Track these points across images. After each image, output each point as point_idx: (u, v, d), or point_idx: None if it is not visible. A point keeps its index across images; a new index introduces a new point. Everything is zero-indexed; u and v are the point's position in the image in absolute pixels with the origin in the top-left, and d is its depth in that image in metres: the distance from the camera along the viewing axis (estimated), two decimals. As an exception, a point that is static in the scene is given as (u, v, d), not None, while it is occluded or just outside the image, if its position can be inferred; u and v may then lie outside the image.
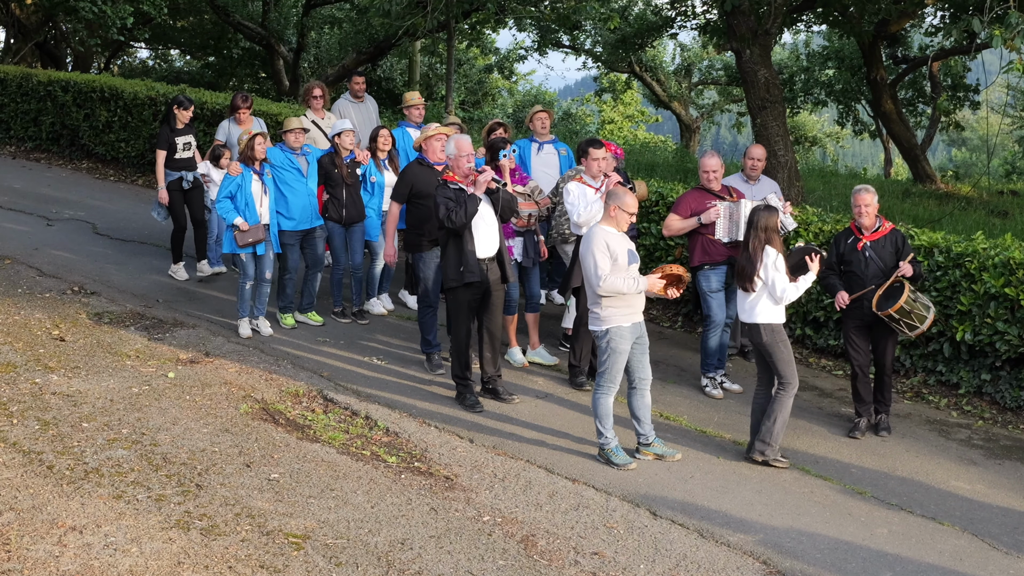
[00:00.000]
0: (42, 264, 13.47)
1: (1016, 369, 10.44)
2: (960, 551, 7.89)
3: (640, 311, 8.97)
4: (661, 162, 23.21)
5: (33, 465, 8.08)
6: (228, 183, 11.34)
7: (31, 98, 21.08)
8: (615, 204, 8.94)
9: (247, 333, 11.44)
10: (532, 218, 10.92)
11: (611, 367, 8.90)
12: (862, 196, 9.88)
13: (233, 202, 11.30)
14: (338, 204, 11.77)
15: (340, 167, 11.72)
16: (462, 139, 10.03)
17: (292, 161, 11.68)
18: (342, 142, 11.78)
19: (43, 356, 10.37)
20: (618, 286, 8.73)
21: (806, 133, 42.58)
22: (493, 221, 9.99)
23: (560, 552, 7.46)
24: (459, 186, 9.81)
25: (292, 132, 11.72)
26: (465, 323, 9.94)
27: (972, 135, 50.28)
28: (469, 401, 9.98)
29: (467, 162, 9.88)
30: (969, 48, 21.87)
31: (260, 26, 28.87)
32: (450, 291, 9.92)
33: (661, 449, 9.11)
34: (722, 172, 10.92)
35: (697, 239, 10.74)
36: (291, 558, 7.08)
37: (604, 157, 10.44)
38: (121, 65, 37.37)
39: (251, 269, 11.42)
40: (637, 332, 8.95)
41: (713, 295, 10.68)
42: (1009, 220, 18.79)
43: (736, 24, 15.64)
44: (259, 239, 11.33)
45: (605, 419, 8.95)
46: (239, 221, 11.20)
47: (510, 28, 30.62)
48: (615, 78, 42.48)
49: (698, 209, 10.70)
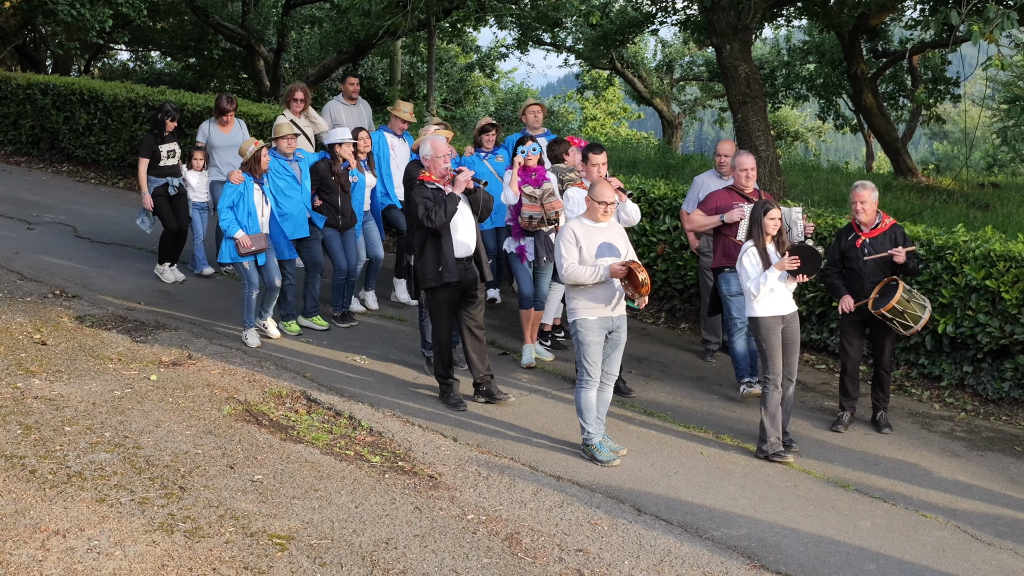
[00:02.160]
0: (23, 268, 13.42)
1: (998, 361, 10.48)
2: (943, 543, 7.92)
3: (611, 307, 8.95)
4: (643, 158, 23.20)
5: (15, 469, 8.06)
6: (230, 192, 11.14)
7: (10, 101, 20.98)
8: (589, 195, 9.03)
9: (256, 343, 11.27)
10: (534, 221, 10.87)
11: (581, 359, 8.97)
12: (859, 192, 9.82)
13: (234, 212, 11.16)
14: (334, 210, 11.72)
15: (338, 175, 11.68)
16: (437, 140, 10.04)
17: (286, 168, 11.60)
18: (341, 152, 11.73)
19: (25, 360, 10.33)
20: (578, 274, 8.78)
21: (787, 128, 42.71)
22: (471, 221, 10.01)
23: (545, 549, 7.47)
24: (436, 186, 9.82)
25: (285, 139, 11.64)
26: (445, 323, 9.97)
27: (953, 128, 50.39)
28: (452, 400, 9.99)
29: (444, 163, 9.90)
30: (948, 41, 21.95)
31: (240, 27, 28.80)
32: (429, 291, 9.95)
33: (607, 444, 9.16)
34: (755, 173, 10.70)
35: (719, 240, 10.59)
36: (275, 559, 7.07)
37: (604, 162, 10.29)
38: (101, 67, 37.26)
39: (255, 277, 11.27)
40: (608, 326, 8.96)
41: (733, 299, 10.48)
42: (990, 213, 18.84)
43: (716, 19, 15.68)
44: (261, 248, 11.20)
45: (586, 413, 8.97)
46: (240, 235, 11.03)
47: (491, 26, 30.58)
48: (597, 75, 42.51)
49: (725, 209, 10.53)
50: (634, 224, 10.23)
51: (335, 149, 11.75)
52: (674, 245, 12.59)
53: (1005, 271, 10.17)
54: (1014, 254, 10.17)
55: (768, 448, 9.21)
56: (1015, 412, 10.34)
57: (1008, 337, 10.21)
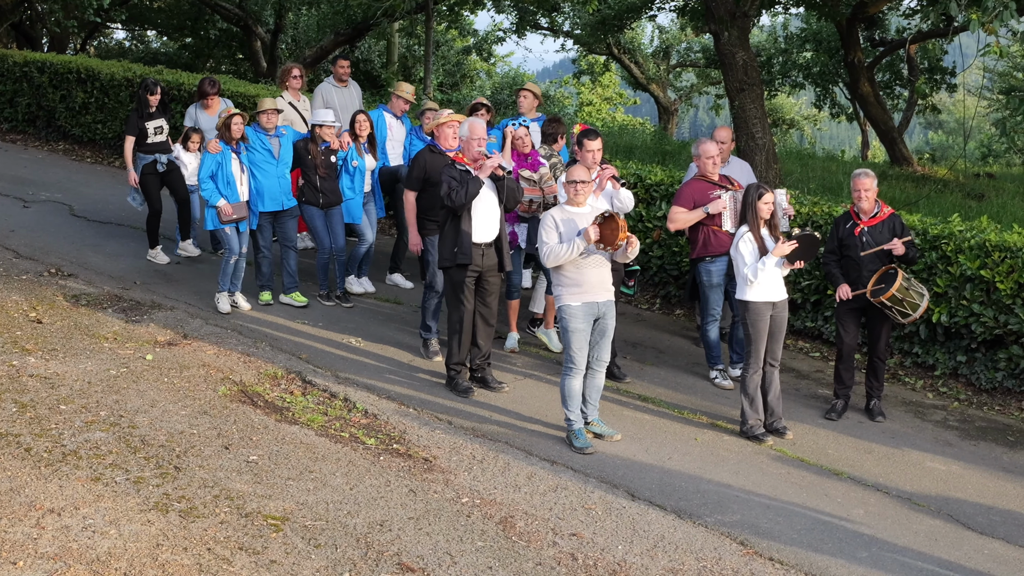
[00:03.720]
0: (19, 246, 13.41)
1: (991, 351, 10.51)
2: (935, 531, 7.96)
3: (597, 291, 8.88)
4: (639, 144, 23.18)
5: (11, 448, 8.06)
6: (208, 162, 11.40)
7: (7, 79, 20.94)
8: (566, 179, 9.04)
9: (227, 308, 11.55)
10: (534, 204, 10.86)
11: (567, 346, 8.94)
12: (861, 180, 9.82)
13: (214, 181, 11.35)
14: (314, 189, 11.76)
15: (314, 154, 11.71)
16: (476, 122, 9.94)
17: (264, 142, 11.71)
18: (321, 133, 11.76)
19: (20, 338, 10.33)
20: (557, 253, 8.73)
21: (784, 115, 42.66)
22: (495, 207, 9.91)
23: (539, 534, 7.49)
24: (466, 168, 9.78)
25: (265, 113, 11.71)
26: (460, 306, 9.88)
27: (949, 118, 50.45)
28: (461, 387, 9.93)
29: (478, 146, 9.84)
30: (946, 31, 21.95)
31: (237, 7, 28.75)
32: (445, 271, 9.94)
33: (600, 428, 9.13)
34: (726, 152, 10.71)
35: (700, 231, 10.51)
36: (270, 540, 7.08)
37: (599, 148, 10.27)
38: (97, 46, 37.12)
39: (235, 244, 11.54)
40: (594, 312, 8.89)
41: (713, 289, 10.50)
42: (985, 202, 18.86)
43: (714, 6, 15.64)
44: (242, 216, 11.51)
45: (569, 400, 8.96)
46: (222, 203, 11.32)
47: (488, 9, 30.55)
48: (593, 60, 42.43)
49: (701, 200, 10.43)
50: (628, 211, 10.22)
51: (315, 130, 11.79)
52: (670, 231, 12.57)
53: (1000, 261, 10.20)
54: (1009, 244, 10.19)
55: (748, 430, 9.31)
56: (1008, 402, 10.37)
57: (1002, 327, 10.24)
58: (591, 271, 8.87)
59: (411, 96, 12.89)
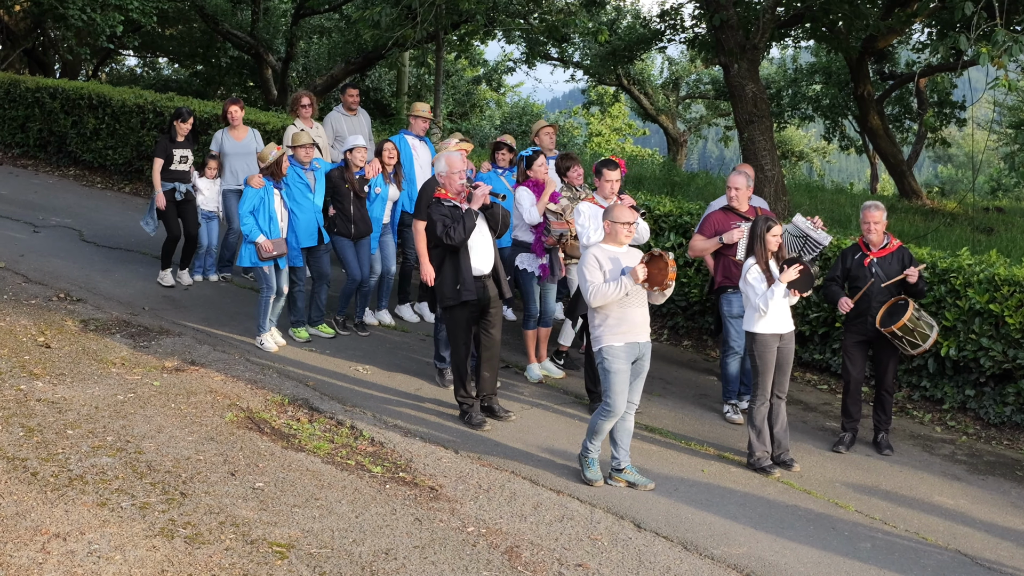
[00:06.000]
0: (28, 271, 13.44)
1: (1000, 385, 10.48)
2: (943, 566, 7.92)
3: (638, 331, 8.72)
4: (648, 175, 23.24)
5: (17, 472, 8.06)
6: (251, 197, 11.24)
7: (19, 105, 21.06)
8: (607, 219, 8.87)
9: (273, 347, 11.40)
10: (564, 238, 10.86)
11: (608, 388, 8.68)
12: (871, 213, 9.84)
13: (255, 217, 11.25)
14: (346, 219, 11.73)
15: (351, 182, 11.70)
16: (452, 156, 9.94)
17: (301, 176, 11.65)
18: (353, 158, 11.76)
19: (28, 363, 10.35)
20: (605, 292, 8.56)
21: (793, 148, 42.74)
22: (488, 237, 9.90)
23: (544, 564, 7.46)
24: (453, 203, 9.77)
25: (303, 147, 11.67)
26: (464, 342, 9.82)
27: (958, 152, 50.46)
28: (475, 420, 9.85)
29: (459, 179, 9.83)
30: (956, 65, 22.00)
31: (249, 35, 28.88)
32: (447, 310, 9.85)
33: (633, 477, 8.88)
34: (749, 191, 10.58)
35: (720, 261, 10.52)
36: (275, 567, 7.07)
37: (617, 179, 10.21)
38: (109, 72, 37.35)
39: (273, 281, 11.40)
40: (636, 352, 8.72)
41: (733, 320, 10.43)
42: (994, 237, 18.86)
43: (724, 38, 15.71)
44: (282, 253, 11.32)
45: (595, 436, 8.80)
46: (262, 240, 11.15)
47: (499, 40, 30.65)
48: (603, 91, 42.60)
49: (722, 229, 10.47)
50: (643, 242, 10.24)
51: (347, 156, 11.78)
52: (679, 262, 12.59)
53: (1009, 295, 10.18)
54: (1018, 279, 10.18)
55: (755, 462, 9.29)
56: (1017, 437, 10.34)
57: (1011, 362, 10.21)
58: (635, 311, 8.72)
59: (428, 113, 12.97)
